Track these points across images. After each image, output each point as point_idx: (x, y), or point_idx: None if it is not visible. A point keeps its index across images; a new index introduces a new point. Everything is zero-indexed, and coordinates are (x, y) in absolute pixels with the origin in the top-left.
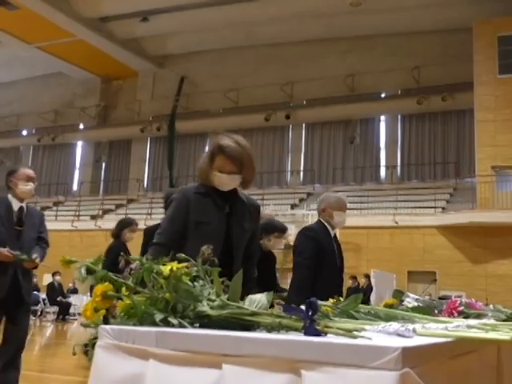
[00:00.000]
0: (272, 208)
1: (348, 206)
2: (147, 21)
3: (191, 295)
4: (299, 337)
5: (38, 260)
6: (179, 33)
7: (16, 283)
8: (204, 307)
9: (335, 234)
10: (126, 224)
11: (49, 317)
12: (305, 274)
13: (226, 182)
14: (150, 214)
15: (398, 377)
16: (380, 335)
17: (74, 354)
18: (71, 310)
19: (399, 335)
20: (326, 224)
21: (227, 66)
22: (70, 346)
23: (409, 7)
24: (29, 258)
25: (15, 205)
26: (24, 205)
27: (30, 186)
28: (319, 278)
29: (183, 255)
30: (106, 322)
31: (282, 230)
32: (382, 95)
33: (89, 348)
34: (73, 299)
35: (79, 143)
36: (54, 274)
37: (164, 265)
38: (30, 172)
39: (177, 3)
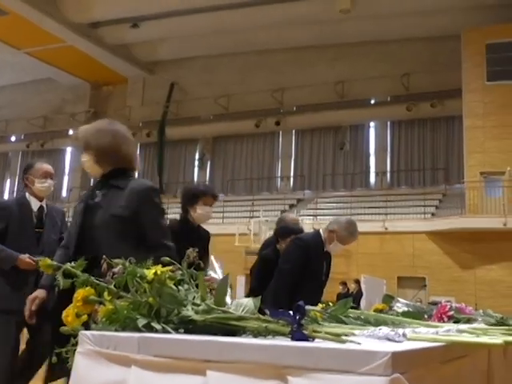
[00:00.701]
0: (262, 214)
1: (338, 212)
2: (137, 27)
3: (175, 299)
4: (286, 342)
5: None
6: (169, 39)
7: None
8: (188, 312)
9: (328, 252)
10: None
11: None
12: (285, 282)
13: (83, 164)
14: None
15: (388, 382)
16: (369, 340)
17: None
18: None
19: (389, 340)
20: (323, 240)
21: (217, 73)
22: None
23: (398, 15)
24: None
25: (34, 204)
26: (44, 204)
27: (48, 182)
28: (297, 289)
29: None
30: (86, 327)
31: (298, 232)
32: (372, 102)
33: None
34: None
35: (68, 149)
36: None
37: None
38: (48, 167)
39: (167, 9)
